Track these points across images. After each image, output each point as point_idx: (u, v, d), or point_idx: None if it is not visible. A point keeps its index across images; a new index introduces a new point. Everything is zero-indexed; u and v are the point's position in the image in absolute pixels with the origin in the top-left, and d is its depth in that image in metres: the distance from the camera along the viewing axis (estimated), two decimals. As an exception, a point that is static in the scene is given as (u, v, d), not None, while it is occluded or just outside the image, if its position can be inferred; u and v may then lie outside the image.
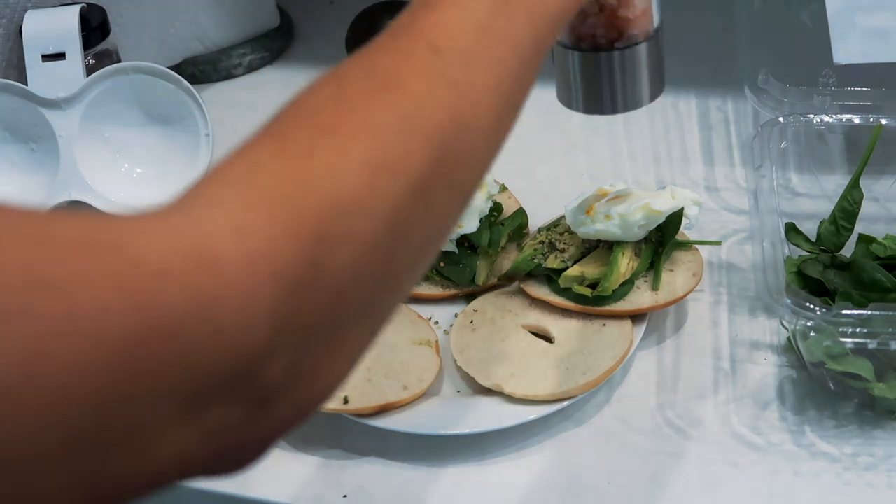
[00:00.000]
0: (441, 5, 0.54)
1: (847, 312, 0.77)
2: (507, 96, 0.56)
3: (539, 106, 1.20)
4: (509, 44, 0.55)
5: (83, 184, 1.02)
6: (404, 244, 0.49)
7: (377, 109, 0.49)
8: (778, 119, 0.95)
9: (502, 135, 0.56)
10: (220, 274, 0.42)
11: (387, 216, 0.47)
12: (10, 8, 1.09)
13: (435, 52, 0.52)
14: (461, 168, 0.52)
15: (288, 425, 0.47)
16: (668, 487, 0.78)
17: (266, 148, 0.47)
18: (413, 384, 0.83)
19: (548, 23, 0.58)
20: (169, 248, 0.41)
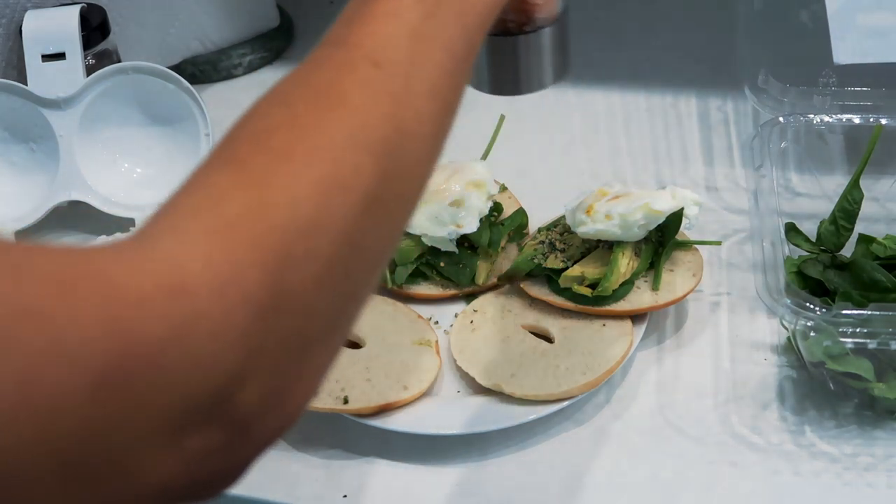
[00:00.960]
0: (375, 16, 0.56)
1: (847, 312, 0.78)
2: (445, 100, 0.57)
3: (539, 106, 1.20)
4: (443, 48, 0.57)
5: (83, 184, 1.02)
6: (361, 257, 0.50)
7: (326, 129, 0.51)
8: (778, 119, 0.95)
9: (442, 138, 0.57)
10: (193, 303, 0.43)
11: (343, 232, 0.49)
12: (10, 8, 1.09)
13: (375, 66, 0.54)
14: (407, 177, 0.54)
15: (265, 446, 0.48)
16: (668, 487, 0.78)
17: (225, 176, 0.49)
18: (413, 384, 0.83)
19: (477, 21, 0.59)
20: (145, 278, 0.43)
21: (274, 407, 0.47)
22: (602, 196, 0.90)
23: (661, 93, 1.17)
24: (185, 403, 0.43)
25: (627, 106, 1.17)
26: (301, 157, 0.49)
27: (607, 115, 1.16)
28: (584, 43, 1.26)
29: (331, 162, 0.50)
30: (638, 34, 1.27)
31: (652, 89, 1.18)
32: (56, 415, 0.39)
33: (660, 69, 1.21)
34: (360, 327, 0.88)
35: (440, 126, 0.57)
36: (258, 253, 0.45)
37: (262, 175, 0.48)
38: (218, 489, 0.48)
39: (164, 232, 0.47)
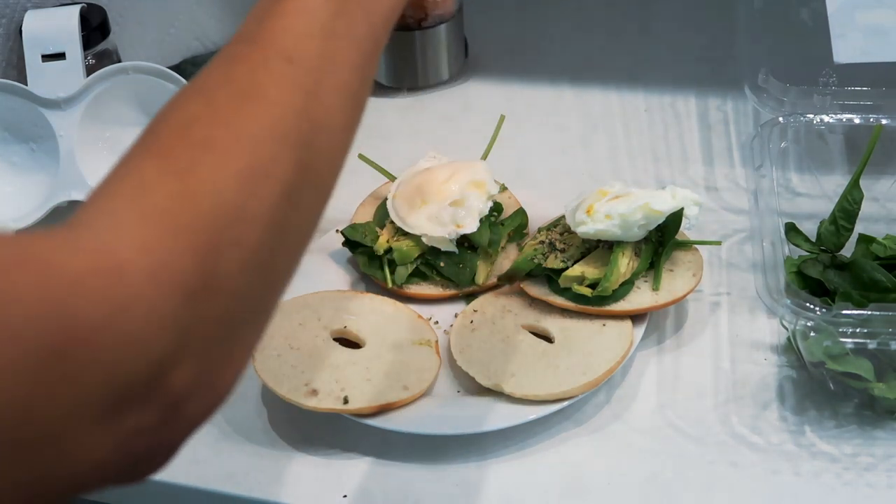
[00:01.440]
0: (286, 13, 0.58)
1: (847, 312, 0.78)
2: (354, 94, 0.60)
3: (539, 106, 1.20)
4: (352, 44, 0.60)
5: (83, 184, 1.02)
6: (283, 244, 0.53)
7: (245, 121, 0.53)
8: (778, 119, 0.95)
9: (352, 131, 0.60)
10: (128, 286, 0.45)
11: (266, 220, 0.51)
12: (10, 8, 1.09)
13: (288, 61, 0.57)
14: (322, 167, 0.57)
15: (197, 425, 0.50)
16: (668, 487, 0.78)
17: (151, 165, 0.51)
18: (413, 384, 0.83)
19: (383, 19, 0.63)
20: (81, 261, 0.45)
21: (205, 386, 0.49)
22: (602, 196, 0.89)
23: (661, 93, 1.17)
24: (120, 383, 0.45)
25: (627, 106, 1.17)
26: (222, 147, 0.52)
27: (606, 115, 1.16)
28: (584, 43, 1.27)
29: (251, 153, 0.52)
30: (638, 34, 1.27)
31: (652, 89, 1.18)
32: (1, 388, 0.42)
33: (660, 69, 1.21)
34: (360, 327, 0.88)
35: (350, 119, 0.60)
36: (189, 239, 0.48)
37: (187, 165, 0.51)
38: (151, 469, 0.49)
39: (97, 218, 0.48)
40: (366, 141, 1.02)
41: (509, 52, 1.26)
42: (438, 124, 1.15)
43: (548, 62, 1.24)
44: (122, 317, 0.45)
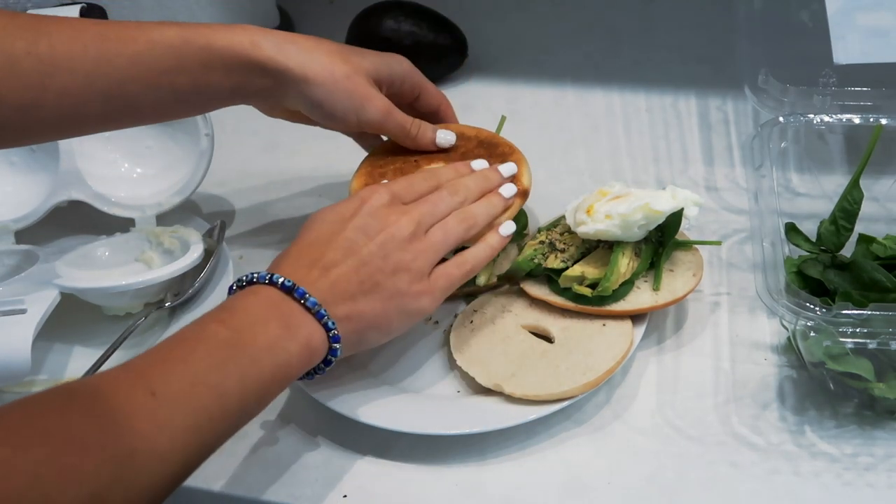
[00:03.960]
0: (169, 360, 0.70)
1: (847, 312, 0.77)
2: (203, 437, 0.68)
3: (539, 106, 1.20)
4: (216, 396, 0.69)
5: (83, 184, 1.02)
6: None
7: (84, 430, 0.63)
8: (778, 119, 0.95)
9: (190, 468, 0.69)
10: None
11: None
12: (10, 8, 1.09)
13: (152, 395, 0.66)
14: (141, 486, 0.64)
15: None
16: (668, 487, 0.78)
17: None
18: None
19: (256, 387, 0.72)
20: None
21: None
22: (602, 196, 0.89)
23: (661, 93, 1.17)
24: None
25: (627, 106, 1.17)
26: (55, 446, 0.61)
27: (607, 115, 1.16)
28: (584, 43, 1.27)
29: (73, 456, 0.61)
30: (638, 34, 1.27)
31: (652, 89, 1.18)
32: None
33: (660, 69, 1.21)
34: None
35: (189, 458, 0.68)
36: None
37: (17, 445, 0.60)
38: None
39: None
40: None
41: (509, 52, 1.26)
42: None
43: (548, 62, 1.24)
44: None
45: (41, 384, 0.90)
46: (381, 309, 0.79)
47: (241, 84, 0.87)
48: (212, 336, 0.72)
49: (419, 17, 1.20)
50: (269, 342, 0.73)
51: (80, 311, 0.94)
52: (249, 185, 1.10)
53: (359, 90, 0.89)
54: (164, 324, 0.94)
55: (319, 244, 0.79)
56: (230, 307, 0.75)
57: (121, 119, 0.88)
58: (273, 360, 0.73)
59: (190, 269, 0.93)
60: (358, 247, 0.79)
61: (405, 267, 0.80)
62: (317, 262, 0.78)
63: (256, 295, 0.76)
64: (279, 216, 1.06)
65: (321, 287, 0.77)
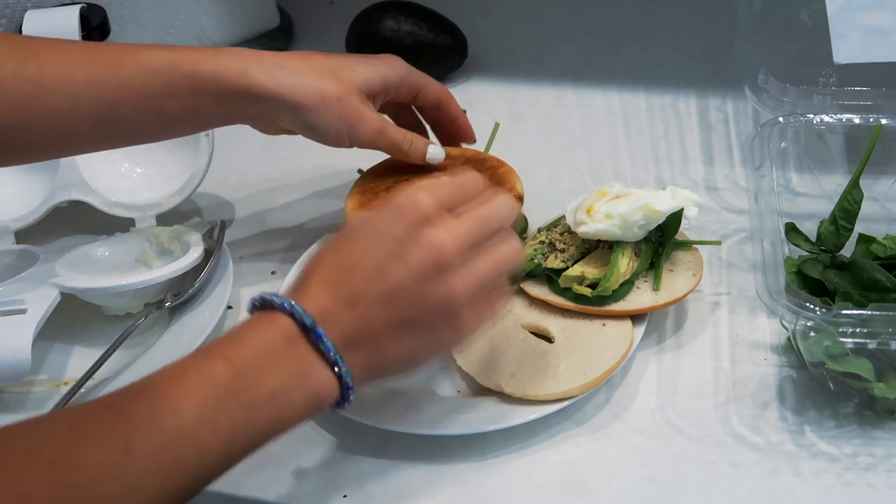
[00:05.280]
0: (159, 402, 0.64)
1: (847, 312, 0.77)
2: (172, 497, 0.64)
3: (539, 106, 1.20)
4: (197, 454, 0.64)
5: (83, 184, 1.02)
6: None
7: (39, 492, 0.59)
8: (778, 119, 0.95)
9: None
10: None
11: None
12: (10, 8, 1.09)
13: (126, 452, 0.61)
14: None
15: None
16: (668, 487, 0.78)
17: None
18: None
19: (245, 440, 0.67)
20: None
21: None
22: (602, 196, 0.89)
23: (661, 93, 1.17)
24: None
25: (627, 106, 1.17)
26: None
27: (607, 115, 1.16)
28: (584, 43, 1.27)
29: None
30: (638, 34, 1.27)
31: (652, 89, 1.18)
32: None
33: (660, 69, 1.21)
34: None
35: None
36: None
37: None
38: None
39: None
40: (366, 141, 1.03)
41: (509, 52, 1.26)
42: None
43: (548, 62, 1.24)
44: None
45: (41, 384, 0.90)
46: (407, 349, 0.71)
47: (232, 110, 0.87)
48: (212, 377, 0.65)
49: (419, 17, 1.20)
50: (272, 390, 0.66)
51: (80, 311, 0.94)
52: (249, 184, 1.10)
53: (350, 112, 0.88)
54: (164, 324, 0.94)
55: (348, 267, 0.70)
56: (242, 338, 0.68)
57: (109, 141, 0.88)
58: (272, 412, 0.67)
59: (190, 269, 0.93)
60: (389, 276, 0.69)
61: (443, 301, 0.70)
62: (342, 290, 0.69)
63: (273, 326, 0.68)
64: (279, 216, 1.06)
65: (344, 324, 0.68)
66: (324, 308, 0.68)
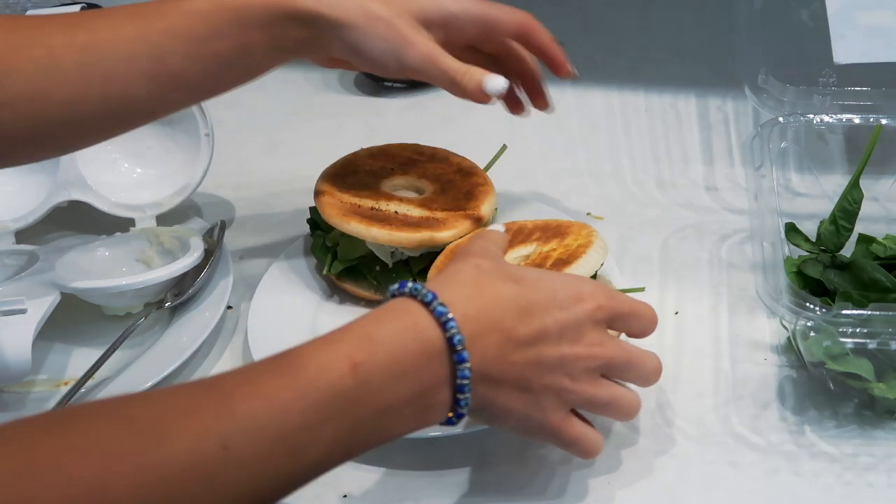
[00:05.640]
0: (265, 401, 0.60)
1: (847, 312, 0.77)
2: (264, 499, 0.61)
3: (539, 106, 1.20)
4: (294, 464, 0.61)
5: (83, 184, 1.02)
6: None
7: (120, 482, 0.55)
8: (778, 119, 0.95)
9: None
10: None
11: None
12: (10, 8, 1.09)
13: (223, 449, 0.57)
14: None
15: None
16: (668, 487, 0.78)
17: (3, 481, 0.53)
18: None
19: (342, 451, 0.64)
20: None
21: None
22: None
23: (661, 93, 1.17)
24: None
25: (627, 106, 1.17)
26: (73, 498, 0.53)
27: (607, 115, 1.16)
28: (584, 43, 1.27)
29: (105, 491, 0.54)
30: (638, 34, 1.27)
31: (652, 89, 1.18)
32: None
33: (660, 69, 1.21)
34: None
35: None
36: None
37: (32, 490, 0.53)
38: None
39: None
40: (366, 140, 1.03)
41: (509, 52, 1.26)
42: (438, 124, 1.15)
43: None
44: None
45: (41, 384, 0.90)
46: (510, 406, 0.70)
47: (280, 38, 0.83)
48: (332, 382, 0.61)
49: (419, 17, 1.20)
50: (387, 405, 0.64)
51: (80, 311, 0.94)
52: (249, 184, 1.10)
53: (398, 34, 0.82)
54: (164, 324, 0.94)
55: (518, 306, 0.69)
56: (376, 340, 0.64)
57: (169, 99, 0.84)
58: (378, 425, 0.64)
59: (190, 269, 0.93)
60: (546, 342, 0.69)
61: (560, 391, 0.71)
62: (502, 325, 0.68)
63: (417, 335, 0.65)
64: (279, 216, 1.06)
65: (488, 357, 0.67)
66: (478, 331, 0.66)
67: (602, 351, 0.72)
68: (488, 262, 0.72)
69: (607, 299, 0.73)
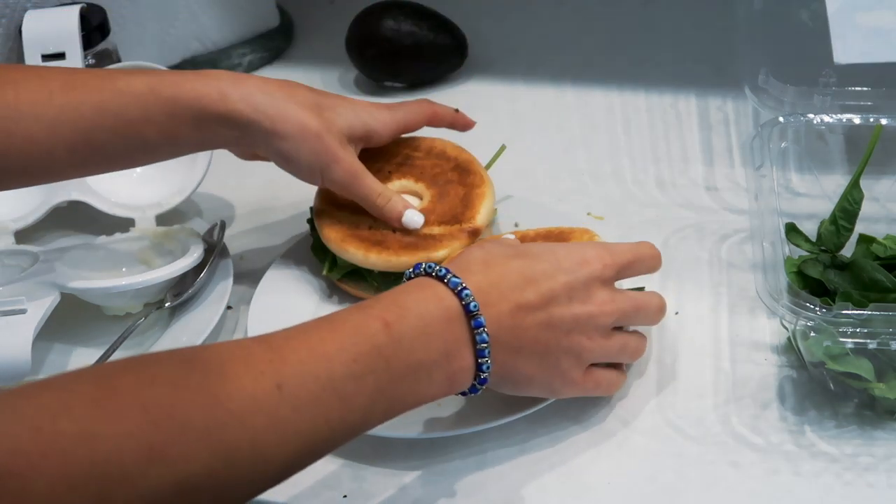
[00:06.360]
0: (313, 348, 0.65)
1: (847, 312, 0.77)
2: (313, 447, 0.65)
3: (539, 106, 1.20)
4: (344, 406, 0.65)
5: (83, 184, 1.02)
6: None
7: (190, 410, 0.59)
8: (778, 119, 0.95)
9: (289, 474, 0.65)
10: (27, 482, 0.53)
11: (148, 496, 0.57)
12: (10, 8, 1.09)
13: (278, 388, 0.62)
14: (234, 486, 0.61)
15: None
16: (668, 487, 0.78)
17: (84, 404, 0.57)
18: None
19: (384, 406, 0.69)
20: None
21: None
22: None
23: (661, 93, 1.17)
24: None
25: (627, 106, 1.17)
26: (154, 422, 0.58)
27: (607, 115, 1.16)
28: (584, 43, 1.27)
29: (167, 435, 0.58)
30: (638, 34, 1.27)
31: (652, 89, 1.18)
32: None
33: (660, 69, 1.21)
34: None
35: (291, 466, 0.65)
36: (80, 482, 0.54)
37: (111, 411, 0.57)
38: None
39: (14, 423, 0.55)
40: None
41: (509, 52, 1.26)
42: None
43: (548, 62, 1.24)
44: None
45: (41, 384, 0.90)
46: (531, 372, 0.76)
47: (209, 135, 0.86)
48: (369, 337, 0.67)
49: (419, 17, 1.20)
50: (419, 364, 0.69)
51: (80, 311, 0.94)
52: (249, 185, 1.10)
53: (327, 150, 0.88)
54: (164, 324, 0.94)
55: (526, 277, 0.74)
56: (404, 305, 0.70)
57: (88, 167, 0.88)
58: (413, 384, 0.69)
59: (190, 269, 0.93)
60: (556, 304, 0.75)
61: (578, 351, 0.77)
62: (514, 295, 0.73)
63: (437, 302, 0.71)
64: (279, 216, 1.06)
65: (504, 324, 0.72)
66: (490, 299, 0.72)
67: (613, 307, 0.77)
68: (494, 245, 0.78)
69: (611, 257, 0.78)
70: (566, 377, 0.77)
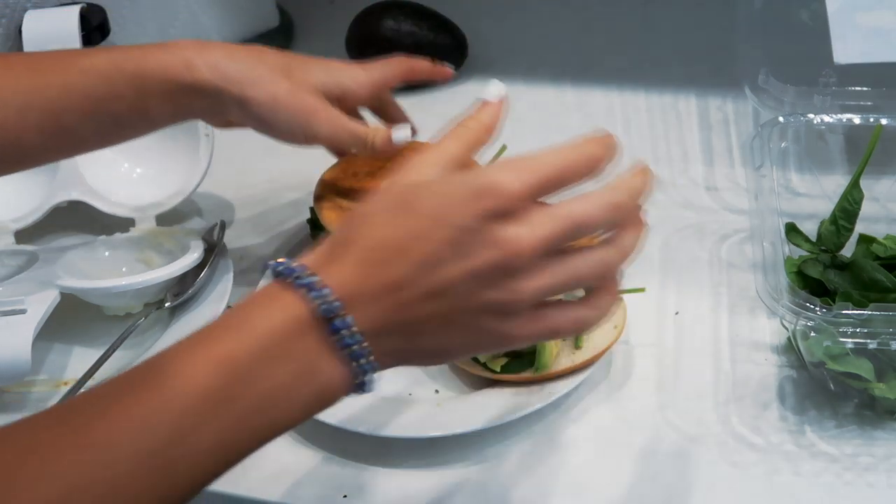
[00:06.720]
0: (122, 415, 0.56)
1: (847, 312, 0.77)
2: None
3: (539, 106, 1.20)
4: (167, 475, 0.56)
5: (83, 184, 1.02)
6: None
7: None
8: (778, 119, 0.95)
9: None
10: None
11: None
12: (10, 8, 1.09)
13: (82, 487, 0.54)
14: None
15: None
16: (668, 487, 0.78)
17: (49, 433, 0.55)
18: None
19: (226, 454, 0.59)
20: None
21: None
22: None
23: (661, 93, 1.17)
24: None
25: (627, 106, 1.17)
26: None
27: (607, 115, 1.16)
28: (584, 43, 1.27)
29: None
30: (638, 34, 1.27)
31: (652, 89, 1.18)
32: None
33: (660, 69, 1.21)
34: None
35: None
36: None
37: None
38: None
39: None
40: (366, 141, 1.03)
41: (509, 52, 1.26)
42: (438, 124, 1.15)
43: (548, 62, 1.24)
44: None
45: (41, 384, 0.90)
46: (444, 344, 0.61)
47: (180, 107, 0.84)
48: (199, 384, 0.57)
49: (419, 17, 1.20)
50: (268, 392, 0.58)
51: (80, 311, 0.94)
52: (249, 184, 1.10)
53: (302, 105, 0.84)
54: (164, 324, 0.94)
55: (396, 247, 0.59)
56: (245, 324, 0.59)
57: (62, 149, 0.86)
58: (270, 414, 0.59)
59: (190, 269, 0.93)
60: (444, 270, 0.59)
61: (501, 305, 0.60)
62: (385, 273, 0.59)
63: (285, 311, 0.59)
64: (279, 216, 1.06)
65: (380, 310, 0.59)
66: (357, 289, 0.59)
67: (529, 240, 0.59)
68: (378, 200, 0.62)
69: (522, 175, 0.61)
70: (496, 334, 0.61)
